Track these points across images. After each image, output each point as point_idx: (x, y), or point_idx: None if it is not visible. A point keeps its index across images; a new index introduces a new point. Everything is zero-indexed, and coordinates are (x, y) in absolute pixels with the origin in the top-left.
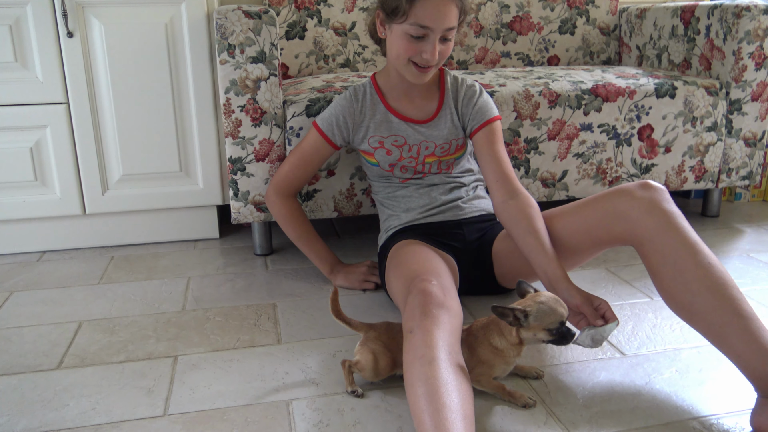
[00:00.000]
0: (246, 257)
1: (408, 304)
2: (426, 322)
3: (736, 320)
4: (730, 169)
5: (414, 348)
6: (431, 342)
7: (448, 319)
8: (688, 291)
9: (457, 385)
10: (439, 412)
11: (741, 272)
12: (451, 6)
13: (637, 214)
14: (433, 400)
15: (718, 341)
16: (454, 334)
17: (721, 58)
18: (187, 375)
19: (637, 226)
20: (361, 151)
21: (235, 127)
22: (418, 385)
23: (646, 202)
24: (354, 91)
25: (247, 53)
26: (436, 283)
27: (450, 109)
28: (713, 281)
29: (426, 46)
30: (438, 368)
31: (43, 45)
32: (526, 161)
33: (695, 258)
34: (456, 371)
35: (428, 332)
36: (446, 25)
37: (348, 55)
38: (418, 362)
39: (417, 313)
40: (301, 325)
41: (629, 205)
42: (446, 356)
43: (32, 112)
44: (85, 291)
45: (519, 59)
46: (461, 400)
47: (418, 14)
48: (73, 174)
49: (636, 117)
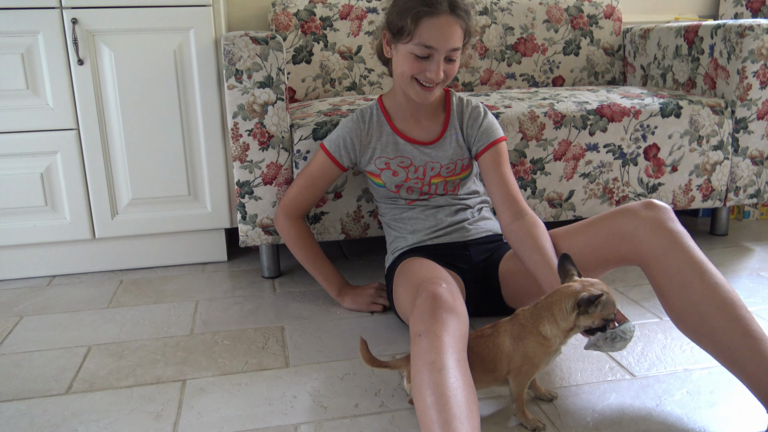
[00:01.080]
0: (254, 280)
1: (417, 307)
2: (436, 327)
3: (745, 341)
4: (738, 188)
5: (423, 353)
6: (441, 348)
7: (457, 325)
8: (695, 312)
9: (466, 395)
10: (450, 423)
11: (751, 291)
12: (455, 27)
13: (642, 234)
14: (443, 410)
15: (728, 362)
16: (462, 340)
17: (726, 77)
18: (196, 399)
19: (643, 246)
20: (368, 173)
21: (243, 151)
22: (427, 394)
23: (650, 222)
24: (361, 113)
25: (254, 78)
26: (445, 287)
27: (455, 129)
28: (721, 302)
29: (430, 66)
30: (448, 377)
31: (54, 72)
32: (532, 182)
33: (702, 278)
34: (465, 379)
35: (438, 337)
36: (450, 46)
37: (354, 78)
38: (427, 369)
39: (426, 317)
40: (309, 348)
41: (634, 225)
42: (455, 363)
43: (43, 139)
44: (94, 315)
45: (524, 80)
46: (469, 411)
47: (423, 35)
48: (82, 199)
49: (642, 137)
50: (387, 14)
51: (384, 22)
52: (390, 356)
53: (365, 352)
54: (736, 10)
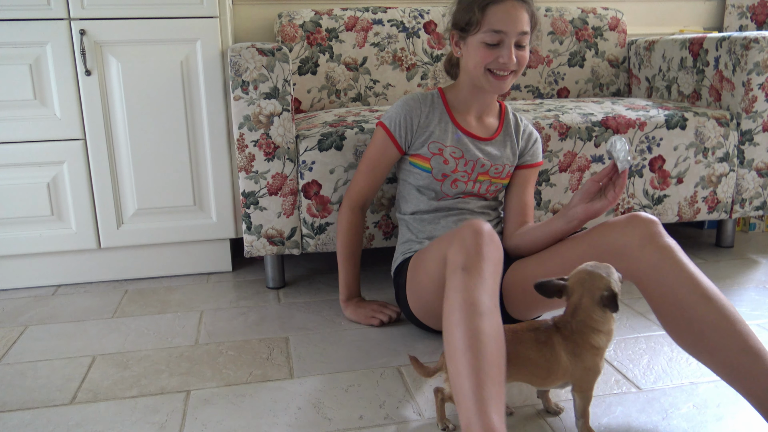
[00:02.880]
0: (258, 290)
1: (459, 239)
2: (479, 261)
3: (743, 358)
4: (744, 200)
5: (462, 288)
6: (481, 287)
7: (498, 265)
8: (691, 331)
9: (497, 344)
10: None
11: (757, 304)
12: (521, 11)
13: (630, 252)
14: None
15: (728, 378)
16: (498, 280)
17: (731, 89)
18: (200, 410)
19: (633, 263)
20: (416, 156)
21: (249, 161)
22: (459, 335)
23: (638, 238)
24: (422, 96)
25: (260, 89)
26: (488, 225)
27: (510, 136)
28: (716, 318)
29: (502, 51)
30: (483, 322)
31: (61, 83)
32: (537, 193)
33: (694, 295)
34: (498, 324)
35: (480, 274)
36: (519, 29)
37: (359, 89)
38: (465, 308)
39: (471, 249)
40: (314, 359)
41: (622, 243)
42: (493, 308)
43: (50, 149)
44: (98, 325)
45: (529, 92)
46: (499, 362)
47: (491, 20)
48: (88, 208)
49: (647, 148)
50: (452, 15)
51: (449, 24)
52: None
53: (419, 367)
54: (741, 22)
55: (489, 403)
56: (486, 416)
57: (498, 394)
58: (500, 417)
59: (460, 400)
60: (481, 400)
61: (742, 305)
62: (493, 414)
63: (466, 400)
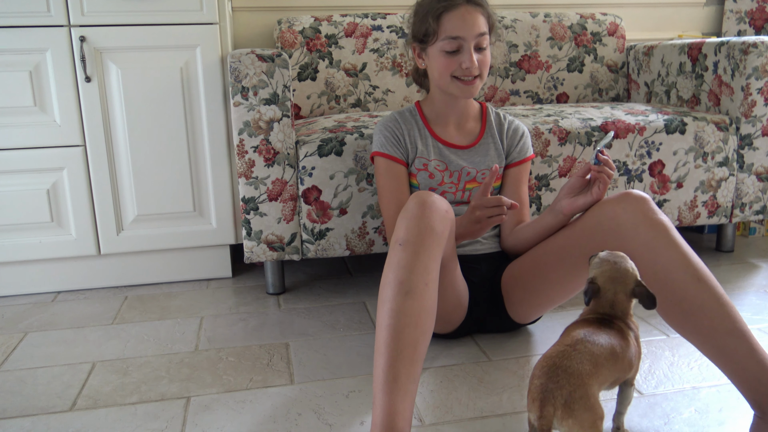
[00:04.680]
0: (259, 296)
1: (405, 210)
2: (419, 237)
3: (729, 340)
4: (743, 204)
5: (396, 266)
6: (415, 266)
7: (441, 238)
8: (680, 310)
9: (422, 323)
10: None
11: (757, 308)
12: (476, 14)
13: (624, 230)
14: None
15: (713, 359)
16: (440, 255)
17: (730, 93)
18: (200, 416)
19: (626, 240)
20: None
21: (249, 167)
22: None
23: (631, 216)
24: (399, 114)
25: (260, 95)
26: (438, 196)
27: (493, 138)
28: (706, 300)
29: (463, 56)
30: (412, 302)
31: (61, 89)
32: (537, 198)
33: (687, 275)
34: (427, 304)
35: (416, 253)
36: (476, 31)
37: (359, 95)
38: (395, 287)
39: (413, 224)
40: (314, 365)
41: (616, 221)
42: (423, 287)
43: (50, 155)
44: (98, 331)
45: (528, 97)
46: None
47: (447, 28)
48: (88, 215)
49: (647, 153)
50: (410, 28)
51: (409, 38)
52: None
53: None
54: (740, 27)
55: (396, 383)
56: (389, 395)
57: (409, 374)
58: (405, 396)
59: (374, 376)
60: (390, 379)
61: (743, 309)
62: (398, 393)
63: (376, 377)
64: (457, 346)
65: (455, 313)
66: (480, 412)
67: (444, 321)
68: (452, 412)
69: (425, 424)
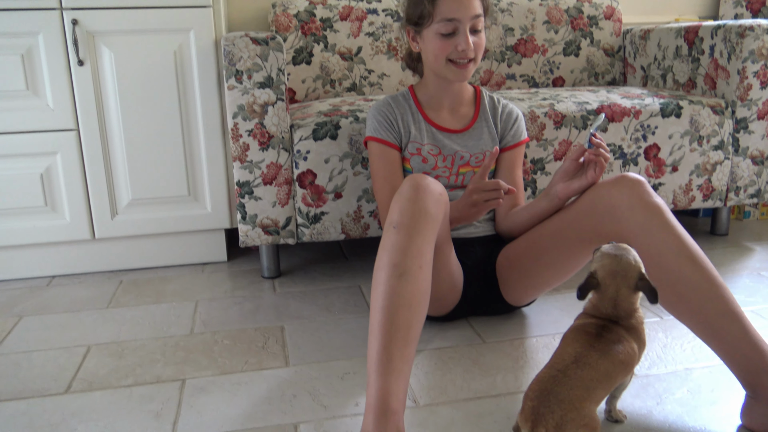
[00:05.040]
0: (254, 280)
1: (399, 194)
2: (412, 220)
3: (723, 321)
4: (738, 188)
5: (390, 249)
6: (408, 249)
7: (436, 221)
8: (674, 292)
9: (416, 305)
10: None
11: (751, 291)
12: None
13: (619, 212)
14: (390, 318)
15: (707, 340)
16: (434, 237)
17: (726, 77)
18: (195, 398)
19: (621, 223)
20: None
21: (243, 151)
22: (380, 295)
23: (626, 198)
24: (392, 99)
25: (254, 79)
26: (433, 179)
27: (487, 122)
28: (700, 281)
29: (459, 39)
30: (405, 284)
31: (54, 73)
32: (532, 182)
33: (681, 256)
34: (421, 286)
35: (409, 236)
36: (471, 13)
37: (354, 79)
38: (389, 270)
39: (406, 206)
40: (309, 347)
41: (612, 203)
42: (417, 269)
43: (43, 139)
44: (93, 315)
45: (524, 81)
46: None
47: (443, 10)
48: (82, 199)
49: (642, 137)
50: (404, 12)
51: (403, 22)
52: None
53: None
54: (736, 10)
55: (390, 364)
56: (382, 376)
57: (402, 355)
58: (399, 377)
59: (368, 358)
60: (384, 360)
61: (737, 292)
62: (392, 374)
63: (370, 359)
64: (452, 328)
65: (449, 295)
66: (474, 393)
67: (438, 303)
68: (447, 394)
69: (420, 405)
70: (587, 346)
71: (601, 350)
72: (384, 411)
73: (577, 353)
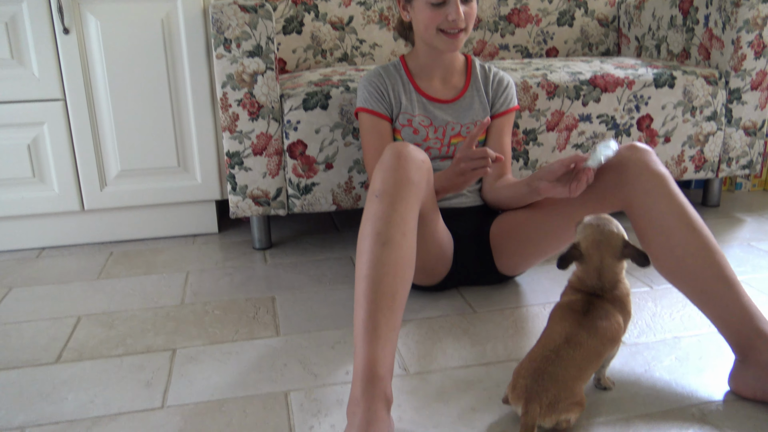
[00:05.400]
0: (245, 251)
1: (381, 162)
2: (395, 189)
3: (717, 285)
4: (730, 159)
5: (372, 218)
6: (391, 218)
7: (419, 189)
8: (672, 256)
9: (401, 273)
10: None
11: (741, 261)
12: None
13: (625, 178)
14: (374, 287)
15: (700, 304)
16: (418, 205)
17: (720, 47)
18: (186, 367)
19: (626, 189)
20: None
21: (233, 121)
22: (365, 264)
23: (634, 164)
24: (383, 69)
25: (243, 47)
26: (414, 147)
27: (478, 90)
28: (698, 247)
29: (449, 9)
30: (389, 252)
31: (39, 42)
32: (524, 153)
33: (680, 223)
34: (405, 253)
35: (392, 204)
36: None
37: (346, 49)
38: (372, 238)
39: (389, 175)
40: (300, 317)
41: (619, 170)
42: (401, 237)
43: (29, 109)
44: (83, 286)
45: (517, 52)
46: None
47: None
48: (71, 170)
49: (635, 107)
50: None
51: None
52: None
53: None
54: None
55: (376, 332)
56: (369, 344)
57: (388, 323)
58: (385, 344)
59: (354, 327)
60: (370, 329)
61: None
62: (378, 342)
63: (357, 327)
64: (443, 298)
65: (439, 264)
66: (464, 362)
67: (428, 273)
68: (437, 362)
69: (410, 373)
70: (576, 325)
71: (589, 328)
72: (371, 378)
73: (567, 333)
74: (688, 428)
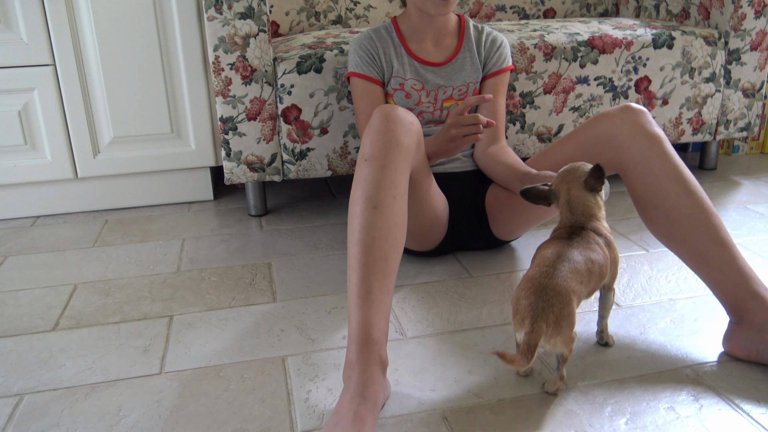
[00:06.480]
0: (241, 218)
1: (369, 126)
2: (384, 152)
3: (713, 248)
4: (728, 121)
5: (362, 182)
6: (381, 181)
7: (408, 151)
8: (667, 219)
9: (392, 236)
10: (369, 266)
11: (738, 223)
12: None
13: (621, 140)
14: (366, 251)
15: (696, 267)
16: (408, 168)
17: (720, 6)
18: (183, 334)
19: (622, 151)
20: None
21: (226, 85)
22: (356, 228)
23: (629, 126)
24: (374, 32)
25: (235, 9)
26: (403, 109)
27: (471, 51)
28: (693, 209)
29: None
30: (380, 216)
31: (26, 5)
32: (521, 116)
33: (676, 185)
34: (396, 218)
35: (382, 168)
36: None
37: (339, 11)
38: (362, 202)
39: (377, 138)
40: (297, 283)
41: (613, 131)
42: (392, 201)
43: (18, 75)
44: (79, 254)
45: (514, 13)
46: (392, 254)
47: None
48: (63, 137)
49: (633, 69)
50: None
51: None
52: None
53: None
54: None
55: (369, 296)
56: (362, 308)
57: (381, 287)
58: (379, 308)
59: (348, 291)
60: (363, 293)
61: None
62: (371, 306)
63: (350, 292)
64: (439, 263)
65: (434, 229)
66: (460, 326)
67: (423, 238)
68: (433, 326)
69: (407, 337)
70: (564, 245)
71: (577, 246)
72: (366, 341)
73: (558, 251)
74: (682, 389)
